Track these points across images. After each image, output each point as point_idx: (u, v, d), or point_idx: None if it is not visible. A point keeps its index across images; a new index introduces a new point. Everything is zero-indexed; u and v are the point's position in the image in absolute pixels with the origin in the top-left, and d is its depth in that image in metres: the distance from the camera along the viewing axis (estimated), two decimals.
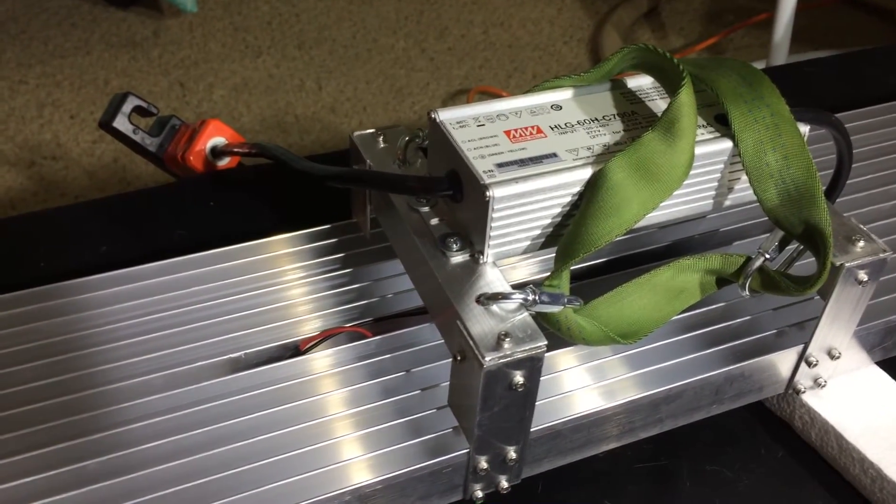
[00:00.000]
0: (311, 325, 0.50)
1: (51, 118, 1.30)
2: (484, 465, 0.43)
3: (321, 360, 0.48)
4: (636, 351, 0.48)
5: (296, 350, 0.49)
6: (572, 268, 0.44)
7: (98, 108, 1.31)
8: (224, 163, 0.65)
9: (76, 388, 0.46)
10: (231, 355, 0.49)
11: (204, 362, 0.48)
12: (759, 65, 0.84)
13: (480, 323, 0.41)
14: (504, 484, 0.45)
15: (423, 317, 0.50)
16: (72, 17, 1.49)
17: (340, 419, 0.45)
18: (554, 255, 0.44)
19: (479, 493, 0.45)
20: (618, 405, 0.46)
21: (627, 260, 0.55)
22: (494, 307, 0.41)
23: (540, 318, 0.42)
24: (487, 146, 0.45)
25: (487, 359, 0.39)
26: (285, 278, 0.53)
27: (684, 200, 0.47)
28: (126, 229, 0.61)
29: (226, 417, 0.45)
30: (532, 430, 0.43)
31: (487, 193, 0.42)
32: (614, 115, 0.48)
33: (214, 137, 0.65)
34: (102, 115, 0.65)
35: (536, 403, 0.42)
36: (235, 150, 0.64)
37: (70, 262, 0.57)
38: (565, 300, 0.42)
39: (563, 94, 0.49)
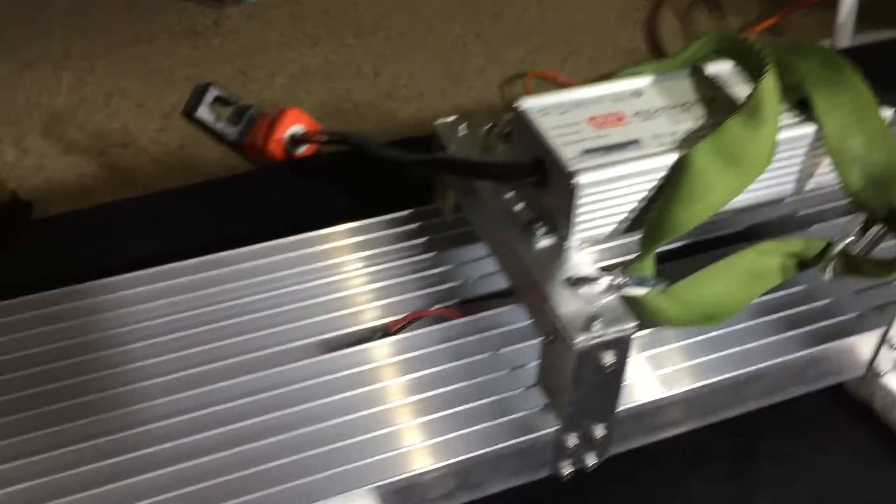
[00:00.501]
0: (398, 308, 0.52)
1: (118, 107, 1.33)
2: (573, 441, 0.44)
3: (409, 341, 0.49)
4: (719, 333, 0.49)
5: (385, 332, 0.51)
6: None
7: (163, 96, 1.34)
8: (302, 150, 0.67)
9: (167, 370, 0.48)
10: (321, 336, 0.50)
11: (294, 344, 0.50)
12: None
13: (569, 305, 0.42)
14: (591, 461, 0.46)
15: (507, 299, 0.51)
16: (135, 8, 1.53)
17: (431, 398, 0.46)
18: (637, 239, 0.45)
19: (567, 469, 0.46)
20: (701, 386, 0.47)
21: (706, 243, 0.56)
22: (582, 290, 0.43)
23: (625, 300, 0.43)
24: (571, 133, 0.46)
25: (578, 340, 0.40)
26: (370, 262, 0.54)
27: (766, 185, 0.47)
28: (213, 217, 0.63)
29: (318, 396, 0.47)
30: (618, 409, 0.45)
31: (573, 180, 0.43)
32: (695, 101, 0.48)
33: (293, 126, 0.67)
34: (185, 105, 0.68)
35: (623, 383, 0.43)
36: (316, 138, 0.65)
37: (162, 249, 0.59)
38: (651, 283, 0.43)
39: (644, 81, 0.49)
